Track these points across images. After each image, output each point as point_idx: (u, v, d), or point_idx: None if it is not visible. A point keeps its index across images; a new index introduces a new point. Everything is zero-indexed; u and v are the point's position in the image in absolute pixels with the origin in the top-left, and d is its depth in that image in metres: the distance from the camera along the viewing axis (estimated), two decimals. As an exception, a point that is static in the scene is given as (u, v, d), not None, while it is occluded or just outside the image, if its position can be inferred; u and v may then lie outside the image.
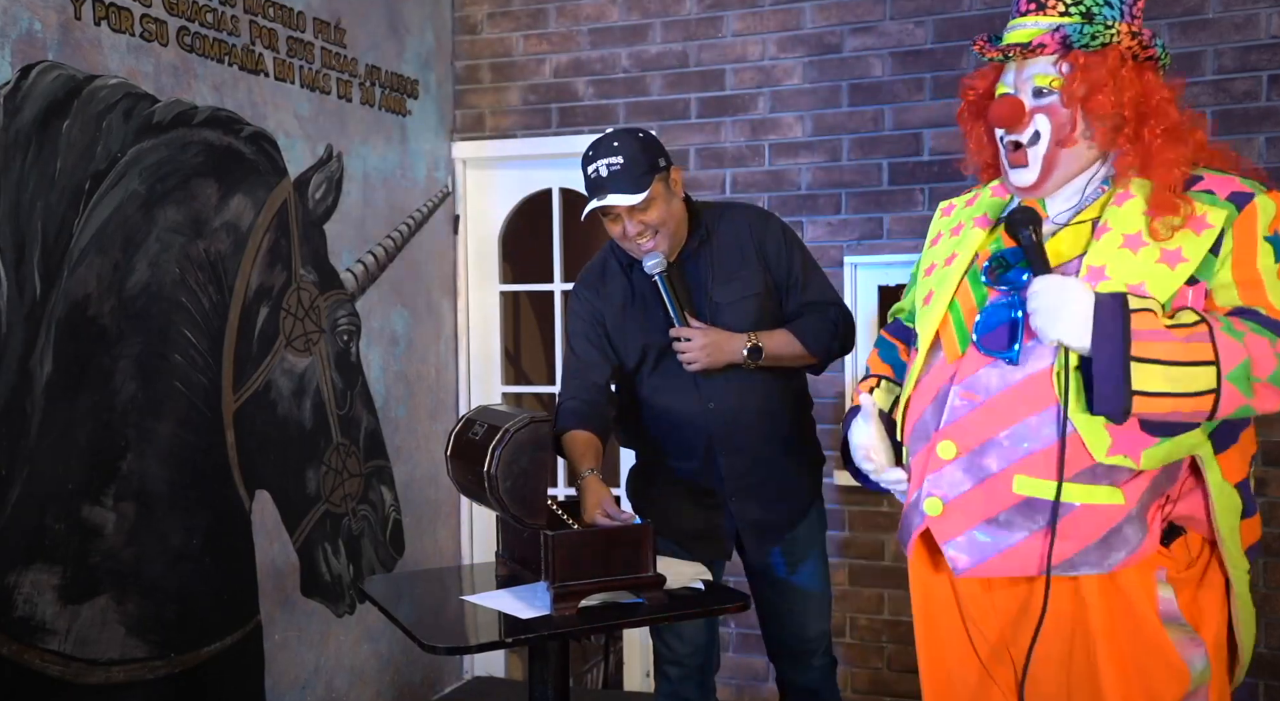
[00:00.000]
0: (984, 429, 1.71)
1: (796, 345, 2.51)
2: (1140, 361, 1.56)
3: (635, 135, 2.51)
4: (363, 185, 3.72)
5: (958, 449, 1.73)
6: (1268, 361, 1.56)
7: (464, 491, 2.41)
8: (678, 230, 2.53)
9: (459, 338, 4.27)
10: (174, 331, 2.93)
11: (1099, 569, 1.68)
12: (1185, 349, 1.55)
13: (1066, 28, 1.70)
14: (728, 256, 2.55)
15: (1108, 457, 1.65)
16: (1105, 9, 1.73)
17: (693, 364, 2.48)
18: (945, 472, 1.75)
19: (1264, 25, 3.32)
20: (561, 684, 2.21)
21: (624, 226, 2.48)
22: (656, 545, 2.20)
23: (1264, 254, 1.63)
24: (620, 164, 2.44)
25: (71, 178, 2.65)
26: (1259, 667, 3.35)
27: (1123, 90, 1.69)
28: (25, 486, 2.55)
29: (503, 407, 2.39)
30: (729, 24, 3.90)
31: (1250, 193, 1.66)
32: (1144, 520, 1.68)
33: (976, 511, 1.72)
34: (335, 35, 3.60)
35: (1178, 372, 1.55)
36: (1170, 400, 1.57)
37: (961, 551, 1.74)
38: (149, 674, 2.86)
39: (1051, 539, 1.67)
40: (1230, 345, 1.55)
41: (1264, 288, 1.61)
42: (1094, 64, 1.69)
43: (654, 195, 2.45)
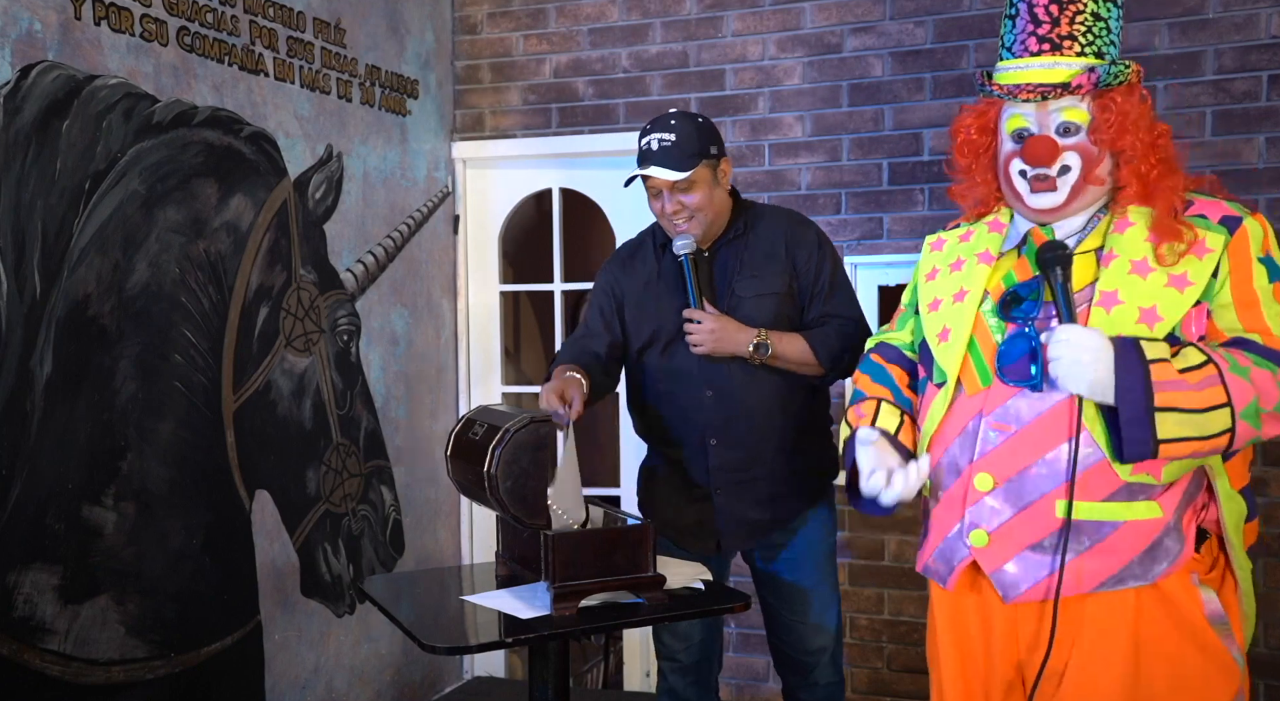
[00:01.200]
0: (1019, 458, 1.79)
1: (807, 352, 2.51)
2: (1163, 411, 1.65)
3: (695, 119, 2.54)
4: (363, 185, 3.72)
5: (995, 480, 1.81)
6: (1273, 394, 1.67)
7: (464, 491, 2.41)
8: (716, 219, 2.56)
9: (459, 338, 4.27)
10: (174, 331, 2.93)
11: (1143, 581, 1.76)
12: (1202, 396, 1.65)
13: (1099, 69, 1.80)
14: (758, 254, 2.57)
15: (1133, 476, 1.74)
16: (1111, 48, 1.84)
17: (698, 346, 2.50)
18: (985, 503, 1.82)
19: (1264, 25, 3.32)
20: (561, 684, 2.21)
21: (664, 203, 2.52)
22: (656, 545, 2.20)
23: (1258, 275, 1.74)
24: (672, 141, 2.48)
25: (71, 178, 2.65)
26: (1259, 667, 3.35)
27: (1140, 126, 1.80)
28: (25, 486, 2.55)
29: (503, 407, 2.39)
30: (729, 24, 3.90)
31: (1239, 216, 1.78)
32: (1181, 529, 1.77)
33: (1022, 538, 1.79)
34: (335, 35, 3.60)
35: (1198, 418, 1.65)
36: (1192, 443, 1.67)
37: (1010, 579, 1.81)
38: (149, 674, 2.86)
39: (1062, 557, 1.75)
40: (1240, 385, 1.66)
41: (1260, 308, 1.72)
42: (1122, 104, 1.80)
43: (697, 179, 2.49)
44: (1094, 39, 1.82)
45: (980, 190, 1.97)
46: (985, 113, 1.92)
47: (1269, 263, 1.75)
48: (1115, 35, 1.84)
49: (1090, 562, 1.76)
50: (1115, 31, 1.84)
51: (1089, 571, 1.76)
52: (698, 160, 2.47)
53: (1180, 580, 1.77)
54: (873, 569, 3.70)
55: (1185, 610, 1.77)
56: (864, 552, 3.78)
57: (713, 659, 2.76)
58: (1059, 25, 1.82)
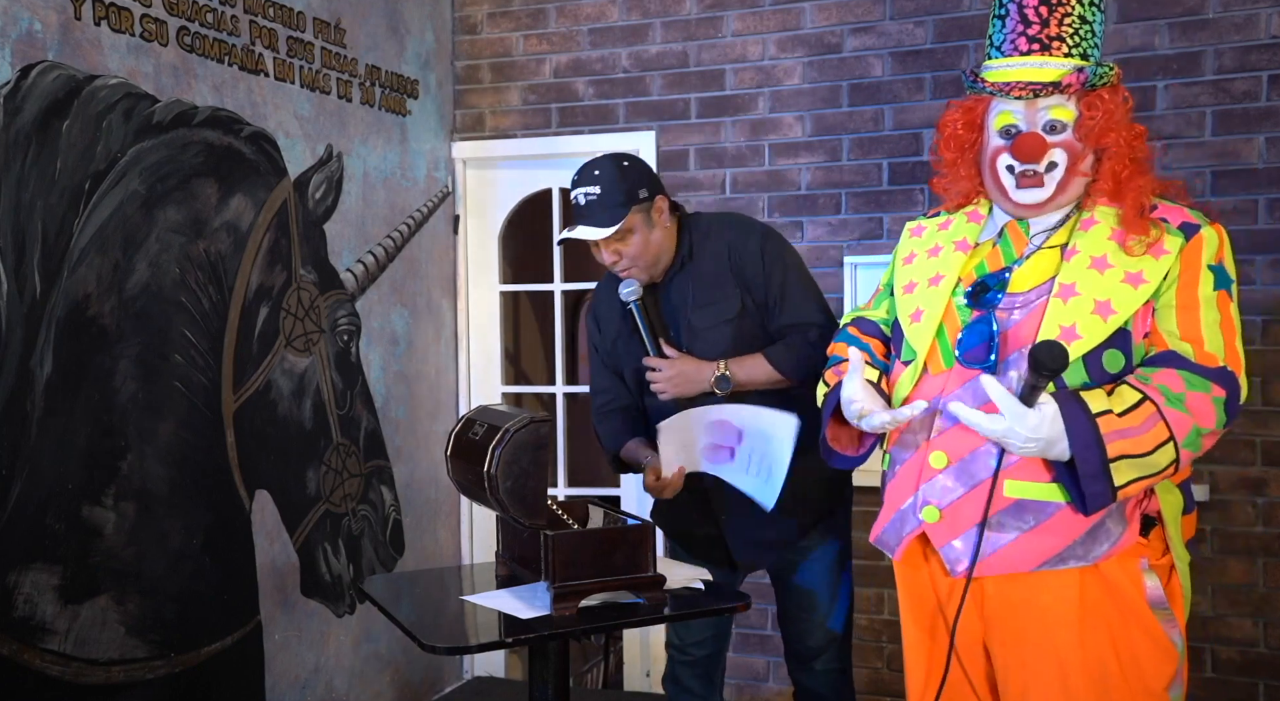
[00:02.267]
0: (971, 438, 1.87)
1: (770, 371, 2.49)
2: (1116, 461, 1.74)
3: (619, 164, 2.51)
4: (363, 185, 3.72)
5: (949, 458, 1.90)
6: (1209, 415, 1.77)
7: (464, 491, 2.41)
8: (658, 259, 2.54)
9: (459, 338, 4.27)
10: (174, 331, 2.93)
11: (1084, 561, 1.84)
12: (1146, 439, 1.74)
13: (1087, 69, 1.87)
14: (707, 279, 2.54)
15: None
16: (1095, 51, 1.92)
17: (663, 394, 2.52)
18: (938, 481, 1.91)
19: (1264, 25, 3.32)
20: (561, 684, 2.21)
21: (602, 254, 2.53)
22: (655, 545, 2.20)
23: (1205, 282, 1.81)
24: (596, 194, 2.47)
25: (71, 178, 2.65)
26: (1259, 667, 3.35)
27: (1123, 125, 1.88)
28: (25, 486, 2.55)
29: (503, 407, 2.39)
30: (729, 24, 3.90)
31: (1198, 224, 1.85)
32: (1124, 514, 1.85)
33: (970, 516, 1.88)
34: (335, 35, 3.60)
35: (1147, 460, 1.76)
36: (1145, 481, 1.78)
37: (959, 554, 1.90)
38: (149, 674, 2.86)
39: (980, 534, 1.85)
40: (1178, 418, 1.75)
41: (1199, 314, 1.80)
42: (1107, 103, 1.88)
43: (629, 227, 2.47)
44: (1080, 41, 1.89)
45: (964, 184, 2.04)
46: (973, 109, 1.99)
47: (1218, 270, 1.82)
48: (1099, 39, 1.91)
49: (1035, 541, 1.84)
50: (1099, 35, 1.91)
51: (1033, 549, 1.84)
52: (625, 209, 2.45)
53: (1121, 563, 1.85)
54: (873, 569, 3.70)
55: (1126, 592, 1.85)
56: (864, 553, 3.78)
57: (721, 655, 2.77)
58: (1048, 26, 1.89)
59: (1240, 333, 1.84)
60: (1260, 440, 3.35)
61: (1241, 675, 3.37)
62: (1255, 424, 3.35)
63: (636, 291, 2.53)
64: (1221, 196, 3.36)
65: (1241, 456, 3.36)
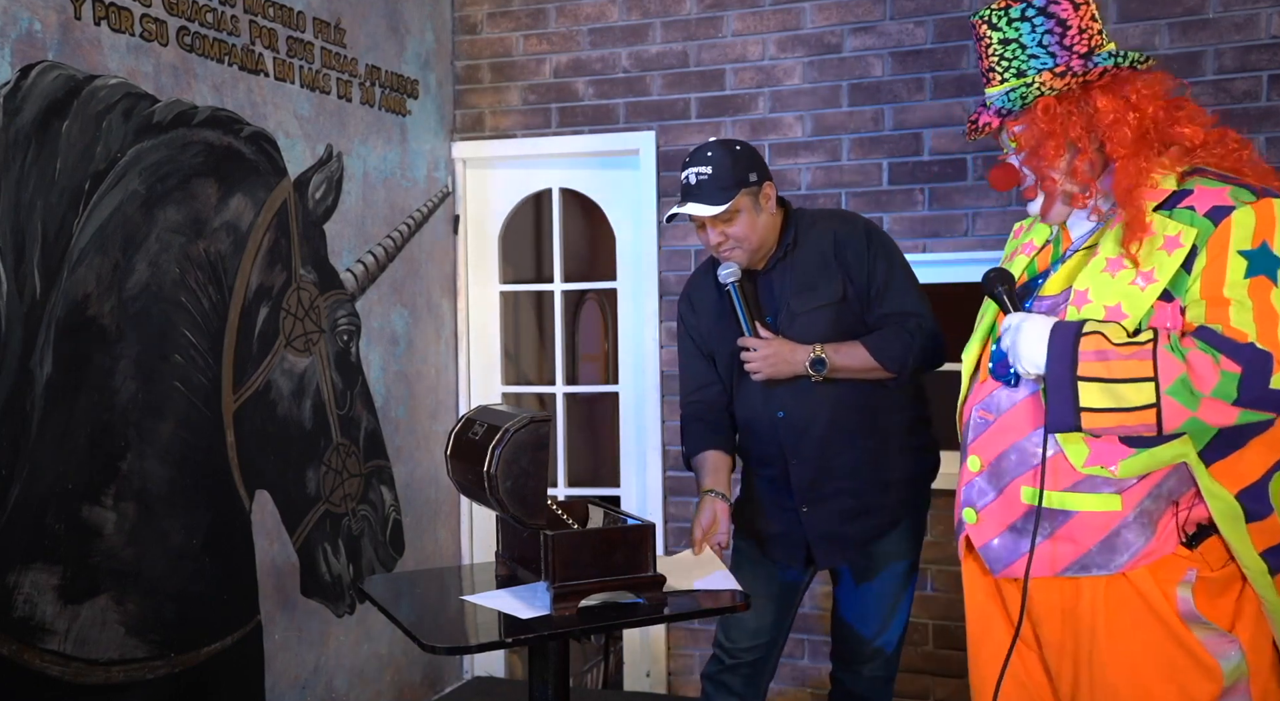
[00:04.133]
0: (998, 444, 1.89)
1: (867, 358, 2.48)
2: (1085, 380, 1.69)
3: (731, 148, 2.54)
4: (363, 185, 3.72)
5: (981, 462, 1.92)
6: (1210, 376, 1.63)
7: (464, 491, 2.41)
8: (762, 243, 2.56)
9: (459, 338, 4.27)
10: (174, 331, 2.93)
11: (1106, 570, 1.80)
12: (1126, 366, 1.67)
13: (996, 99, 1.87)
14: (809, 265, 2.56)
15: (1085, 468, 1.79)
16: (1033, 61, 1.85)
17: (756, 374, 2.52)
18: (975, 484, 1.94)
19: (1264, 25, 3.32)
20: (561, 684, 2.21)
21: (708, 235, 2.54)
22: (655, 545, 2.20)
23: (1234, 269, 1.68)
24: (708, 174, 2.49)
25: (71, 178, 2.65)
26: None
27: (1068, 128, 1.80)
28: (25, 486, 2.55)
29: (503, 407, 2.39)
30: (729, 24, 3.90)
31: (1231, 206, 1.70)
32: (1146, 524, 1.78)
33: (1001, 518, 1.90)
34: (335, 35, 3.60)
35: (1119, 389, 1.67)
36: (1115, 415, 1.69)
37: (994, 554, 1.92)
38: (149, 674, 2.86)
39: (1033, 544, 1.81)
40: (1169, 361, 1.65)
41: (1228, 305, 1.66)
42: (1028, 122, 1.84)
43: (737, 208, 2.50)
44: (1010, 63, 1.86)
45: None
46: None
47: (1252, 255, 1.67)
48: (1036, 47, 1.84)
49: (1055, 547, 1.83)
50: (1033, 44, 1.84)
51: (1054, 555, 1.84)
52: (735, 191, 2.48)
53: (1155, 574, 1.78)
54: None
55: (1155, 604, 1.78)
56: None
57: (771, 660, 2.72)
58: (984, 59, 1.91)
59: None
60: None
61: (1241, 675, 3.36)
62: None
63: (736, 273, 2.55)
64: (1221, 196, 3.36)
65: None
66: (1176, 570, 1.78)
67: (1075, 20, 1.84)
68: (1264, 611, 1.79)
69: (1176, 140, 1.80)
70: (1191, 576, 1.78)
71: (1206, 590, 1.78)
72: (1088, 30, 1.84)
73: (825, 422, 2.53)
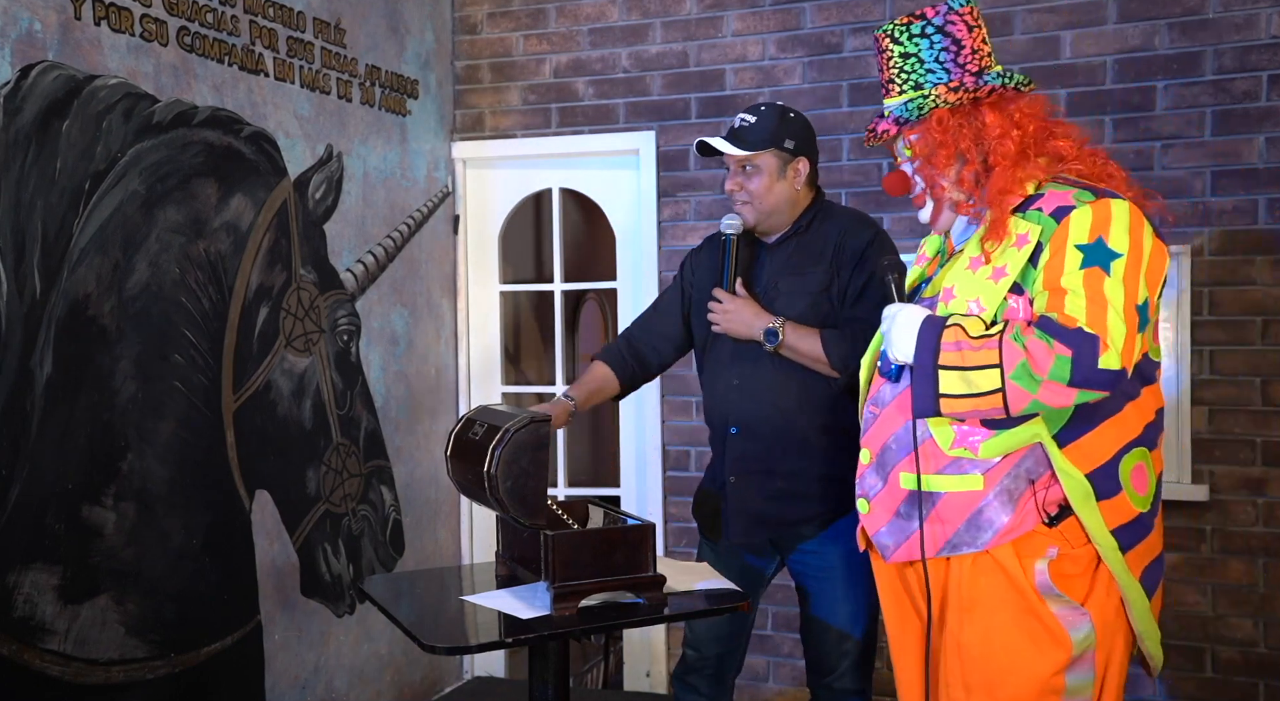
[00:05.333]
0: (882, 435, 2.04)
1: (818, 349, 2.50)
2: (945, 369, 1.85)
3: (784, 112, 2.60)
4: (363, 185, 3.72)
5: (871, 455, 2.07)
6: (1045, 360, 1.77)
7: (464, 491, 2.41)
8: (775, 211, 2.58)
9: (459, 338, 4.27)
10: (174, 331, 2.93)
11: (974, 547, 1.94)
12: (976, 355, 1.82)
13: (895, 109, 2.03)
14: (810, 252, 2.60)
15: (951, 451, 1.95)
16: (929, 75, 2.00)
17: (715, 326, 2.58)
18: (865, 476, 2.09)
19: (1264, 25, 3.32)
20: (561, 684, 2.21)
21: (730, 179, 2.59)
22: (655, 544, 2.20)
23: (1070, 261, 1.83)
24: (750, 123, 2.56)
25: (71, 178, 2.65)
26: (1259, 667, 3.35)
27: (958, 139, 1.97)
28: (25, 486, 2.55)
29: (503, 407, 2.39)
30: (729, 24, 3.90)
31: (1072, 206, 1.87)
32: (1006, 503, 1.92)
33: (888, 506, 2.04)
34: (335, 35, 3.60)
35: (972, 375, 1.83)
36: (969, 400, 1.84)
37: (882, 542, 2.06)
38: (149, 674, 2.86)
39: (921, 526, 1.97)
40: (1012, 349, 1.80)
41: (1065, 295, 1.81)
42: (923, 131, 2.00)
43: (761, 165, 2.55)
44: (909, 76, 2.01)
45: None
46: None
47: (1087, 248, 1.83)
48: (933, 62, 1.99)
49: (931, 529, 1.98)
50: (930, 60, 1.99)
51: (931, 537, 1.98)
52: (765, 146, 2.53)
53: (1018, 550, 1.92)
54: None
55: (1015, 578, 1.92)
56: (864, 552, 3.78)
57: (734, 656, 2.75)
58: (884, 72, 2.06)
59: (1120, 306, 1.79)
60: (1260, 440, 3.35)
61: (1241, 675, 3.37)
62: (1255, 424, 3.35)
63: (737, 228, 2.59)
64: (1221, 196, 3.36)
65: (1241, 456, 3.37)
66: (1039, 547, 1.92)
67: (969, 41, 1.99)
68: (1116, 586, 1.93)
69: (1051, 153, 1.97)
70: (1053, 553, 1.91)
71: (1064, 566, 1.92)
72: (979, 52, 2.00)
73: (774, 401, 2.55)
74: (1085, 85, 3.48)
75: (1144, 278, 1.83)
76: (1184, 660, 3.43)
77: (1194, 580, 3.42)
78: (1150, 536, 1.95)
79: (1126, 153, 3.44)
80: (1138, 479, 1.92)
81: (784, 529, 2.61)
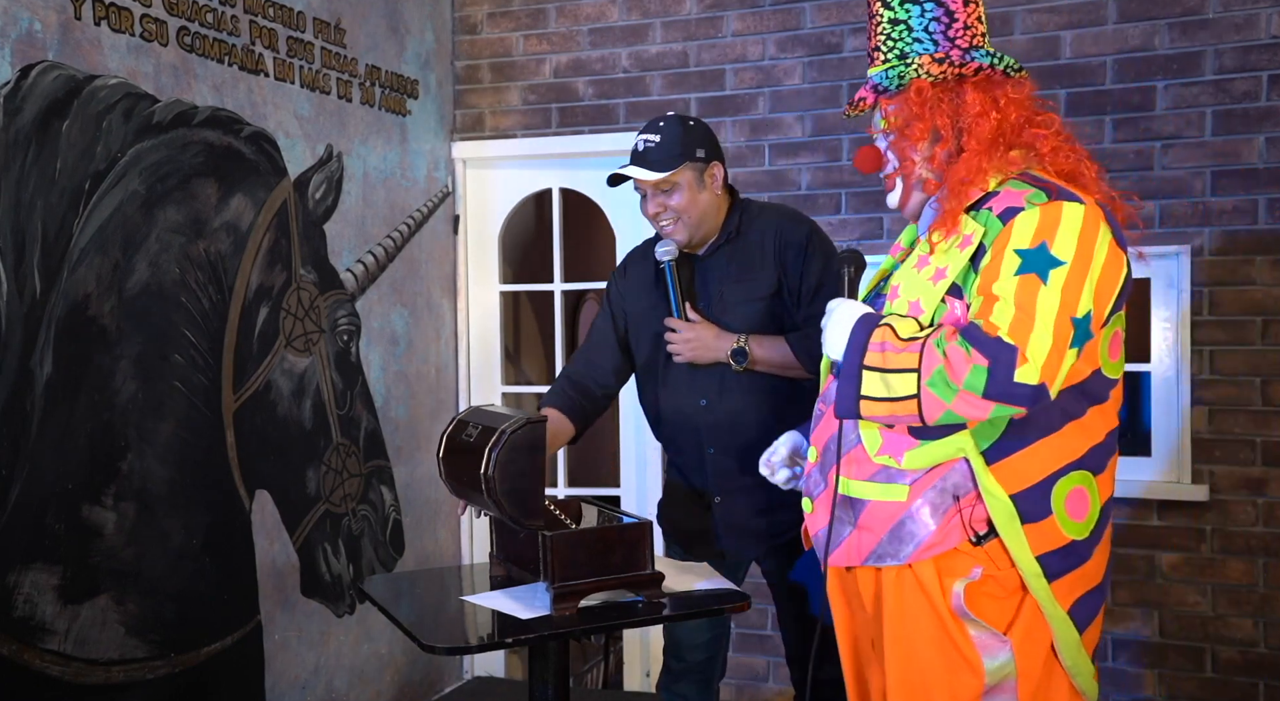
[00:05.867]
0: (826, 434, 1.97)
1: (789, 355, 2.49)
2: (868, 369, 1.78)
3: (685, 122, 2.55)
4: (363, 185, 3.72)
5: (817, 453, 2.01)
6: (962, 369, 1.68)
7: (457, 492, 2.40)
8: (702, 222, 2.54)
9: (459, 337, 4.27)
10: (174, 331, 2.94)
11: (897, 560, 1.86)
12: (898, 358, 1.75)
13: (876, 77, 1.94)
14: (748, 256, 2.56)
15: (876, 457, 1.87)
16: (916, 44, 1.91)
17: (678, 356, 2.53)
18: (812, 475, 2.03)
19: (1264, 25, 3.32)
20: (561, 684, 2.21)
21: (648, 204, 2.55)
22: (653, 543, 2.20)
23: (1007, 266, 1.73)
24: (655, 142, 2.50)
25: (71, 178, 2.66)
26: (1259, 667, 3.35)
27: (935, 114, 1.88)
28: (25, 486, 2.55)
29: (496, 408, 2.38)
30: (729, 24, 3.90)
31: (1021, 208, 1.76)
32: (929, 517, 1.83)
33: (828, 508, 1.96)
34: (335, 35, 3.60)
35: (891, 379, 1.75)
36: (886, 404, 1.77)
37: (819, 543, 1.99)
38: (149, 674, 2.86)
39: (829, 531, 1.93)
40: (931, 354, 1.72)
41: (994, 302, 1.72)
42: (901, 102, 1.90)
43: (679, 181, 2.50)
44: (895, 43, 1.92)
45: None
46: None
47: (1027, 254, 1.72)
48: (921, 32, 1.90)
49: (859, 537, 1.90)
50: (919, 29, 1.90)
51: (859, 544, 1.90)
52: (679, 162, 2.48)
53: (938, 567, 1.82)
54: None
55: (932, 595, 1.83)
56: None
57: (716, 660, 2.75)
58: (871, 38, 1.96)
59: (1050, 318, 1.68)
60: (1260, 440, 3.35)
61: (1241, 675, 3.37)
62: (1255, 424, 3.35)
63: (673, 252, 2.55)
64: (1221, 196, 3.36)
65: (1241, 456, 3.36)
66: (961, 566, 1.82)
67: (962, 15, 1.90)
68: (1041, 615, 1.81)
69: (1027, 144, 1.87)
70: (976, 573, 1.81)
71: (987, 588, 1.81)
72: (972, 28, 1.91)
73: (748, 415, 2.52)
74: (1085, 85, 3.48)
75: (1089, 288, 1.72)
76: (1184, 660, 3.43)
77: (1194, 580, 3.42)
78: (1086, 565, 1.83)
79: (1126, 153, 3.44)
80: (1074, 504, 1.80)
81: (778, 539, 2.58)
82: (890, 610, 1.88)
